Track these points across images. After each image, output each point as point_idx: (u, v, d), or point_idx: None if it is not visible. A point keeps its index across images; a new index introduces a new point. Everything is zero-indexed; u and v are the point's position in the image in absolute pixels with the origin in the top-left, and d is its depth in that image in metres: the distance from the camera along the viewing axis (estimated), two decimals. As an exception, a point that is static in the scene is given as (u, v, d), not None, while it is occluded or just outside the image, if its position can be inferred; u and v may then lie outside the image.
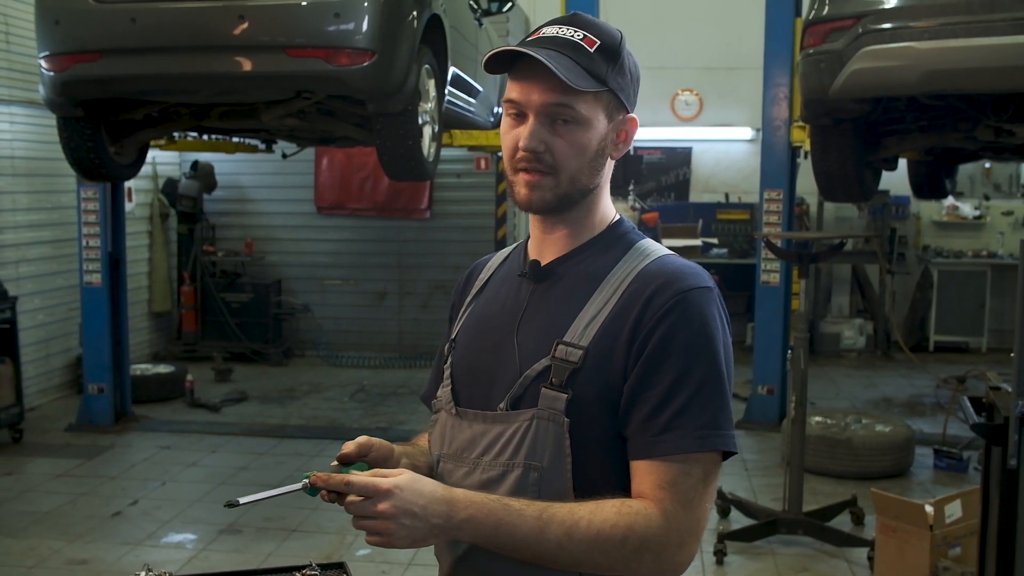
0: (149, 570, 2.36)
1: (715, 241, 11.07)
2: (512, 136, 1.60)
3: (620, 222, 1.70)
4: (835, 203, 10.19)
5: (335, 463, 1.60)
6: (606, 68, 1.57)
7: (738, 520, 5.47)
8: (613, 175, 1.70)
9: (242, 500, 1.53)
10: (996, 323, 10.77)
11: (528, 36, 1.63)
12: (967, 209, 11.31)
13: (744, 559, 5.05)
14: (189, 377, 8.69)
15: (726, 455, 1.55)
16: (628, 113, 1.65)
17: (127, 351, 7.97)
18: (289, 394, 9.04)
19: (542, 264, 1.67)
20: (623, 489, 1.55)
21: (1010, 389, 3.41)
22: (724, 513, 5.55)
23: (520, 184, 1.60)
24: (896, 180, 8.76)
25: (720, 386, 1.53)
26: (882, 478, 6.13)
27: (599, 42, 1.57)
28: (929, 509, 4.54)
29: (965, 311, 10.76)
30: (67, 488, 6.24)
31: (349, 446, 1.62)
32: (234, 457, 6.93)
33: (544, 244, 1.68)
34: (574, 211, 1.64)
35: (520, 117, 1.59)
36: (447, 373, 1.73)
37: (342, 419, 8.14)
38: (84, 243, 7.64)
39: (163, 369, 8.95)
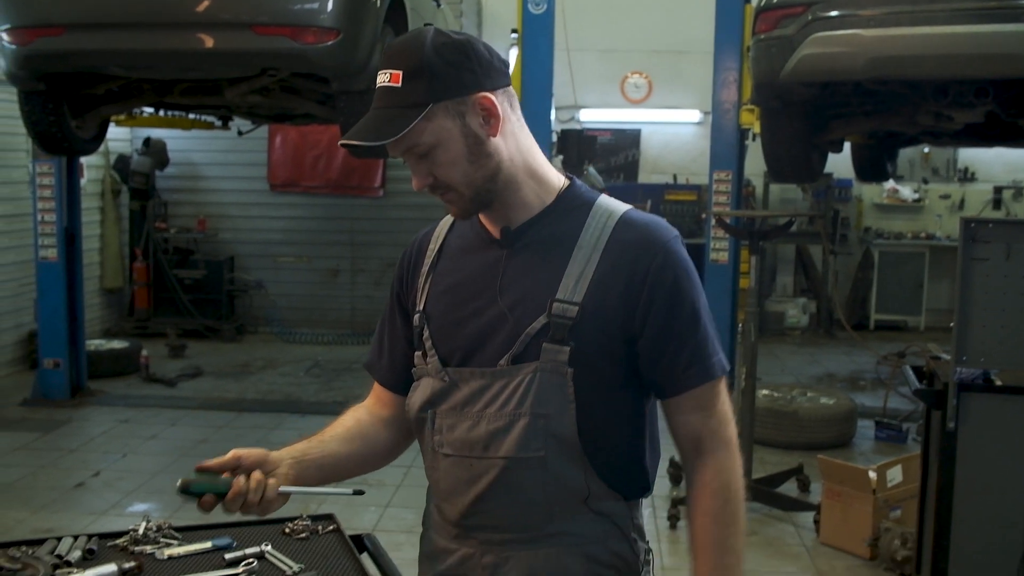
0: (148, 520, 2.49)
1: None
2: None
3: (571, 186, 1.79)
4: (781, 184, 10.46)
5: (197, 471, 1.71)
6: (420, 88, 1.63)
7: (689, 488, 5.66)
8: (567, 155, 1.82)
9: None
10: (933, 302, 11.12)
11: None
12: (907, 192, 11.65)
13: (696, 524, 5.25)
14: (144, 352, 8.71)
15: None
16: (475, 93, 1.66)
17: (83, 326, 7.96)
18: (244, 369, 9.09)
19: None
20: (622, 425, 1.75)
21: (949, 358, 3.64)
22: (676, 481, 5.74)
23: (446, 205, 1.76)
24: (839, 163, 9.01)
25: (708, 316, 1.75)
26: (826, 448, 6.35)
27: (401, 71, 1.63)
28: (872, 474, 4.78)
29: (904, 291, 11.11)
30: (27, 461, 6.27)
31: (216, 461, 1.73)
32: (193, 430, 7.00)
33: (498, 218, 1.78)
34: (504, 195, 1.73)
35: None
36: (428, 344, 1.81)
37: (298, 394, 8.23)
38: (39, 218, 7.61)
39: (117, 344, 8.95)
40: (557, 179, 1.80)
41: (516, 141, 1.73)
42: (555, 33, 7.31)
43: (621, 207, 1.78)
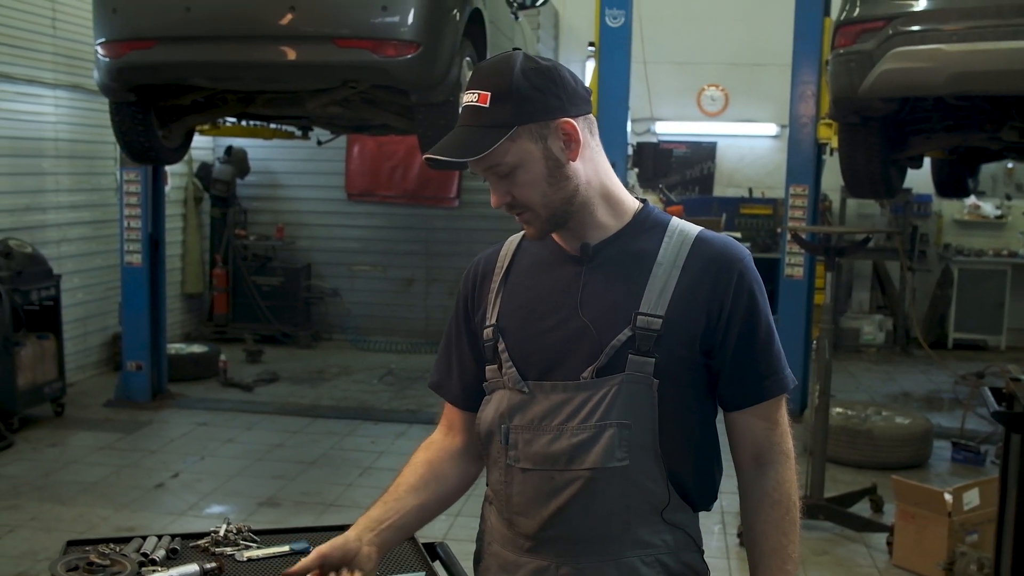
0: (228, 522, 2.56)
1: (738, 235, 11.14)
2: None
3: (645, 207, 1.86)
4: (858, 200, 10.33)
5: None
6: (507, 109, 1.69)
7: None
8: (643, 168, 1.85)
9: None
10: (1015, 322, 10.86)
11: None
12: (988, 208, 11.41)
13: (766, 542, 5.21)
14: (222, 357, 8.90)
15: None
16: (558, 119, 1.72)
17: (164, 330, 8.18)
18: (319, 376, 9.24)
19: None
20: (696, 435, 1.81)
21: (1030, 380, 3.57)
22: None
23: (522, 224, 1.82)
24: (918, 178, 8.88)
25: (776, 331, 1.84)
26: (900, 468, 6.25)
27: (490, 93, 1.70)
28: (948, 497, 4.70)
29: (984, 309, 10.86)
30: (110, 460, 6.46)
31: (300, 565, 1.76)
32: (269, 435, 7.14)
33: (574, 237, 1.84)
34: (580, 216, 1.79)
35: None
36: (504, 356, 1.85)
37: (372, 401, 8.34)
38: (125, 224, 7.83)
39: (197, 349, 9.17)
40: (632, 202, 1.87)
41: (595, 166, 1.80)
42: (632, 45, 7.32)
43: (694, 227, 1.85)
